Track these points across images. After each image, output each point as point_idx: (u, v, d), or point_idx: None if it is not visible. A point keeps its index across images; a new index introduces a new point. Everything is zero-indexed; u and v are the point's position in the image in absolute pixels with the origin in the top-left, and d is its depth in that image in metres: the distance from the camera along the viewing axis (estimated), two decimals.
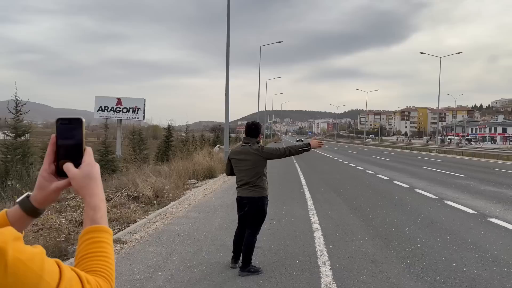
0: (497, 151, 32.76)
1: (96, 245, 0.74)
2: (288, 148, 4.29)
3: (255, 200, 4.22)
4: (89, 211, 0.77)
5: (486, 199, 9.53)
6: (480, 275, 4.32)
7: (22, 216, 0.78)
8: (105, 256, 0.74)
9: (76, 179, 0.76)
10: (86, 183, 0.77)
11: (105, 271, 0.72)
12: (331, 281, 4.07)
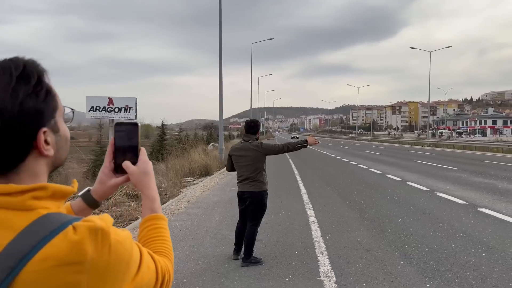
0: (487, 144, 33.34)
1: (156, 231, 0.88)
2: (286, 144, 4.49)
3: (255, 194, 4.40)
4: (147, 202, 0.91)
5: (476, 190, 9.81)
6: (470, 260, 4.55)
7: (84, 207, 0.92)
8: (165, 240, 0.88)
9: (135, 175, 0.89)
10: (143, 178, 0.90)
11: (167, 252, 0.86)
12: (329, 269, 4.27)
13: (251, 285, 3.86)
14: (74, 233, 0.64)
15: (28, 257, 0.61)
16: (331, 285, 3.83)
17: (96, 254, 0.64)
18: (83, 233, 0.64)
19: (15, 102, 0.65)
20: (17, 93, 0.66)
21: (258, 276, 4.11)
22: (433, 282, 3.92)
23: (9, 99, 0.65)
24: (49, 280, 0.62)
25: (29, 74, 0.68)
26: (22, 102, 0.66)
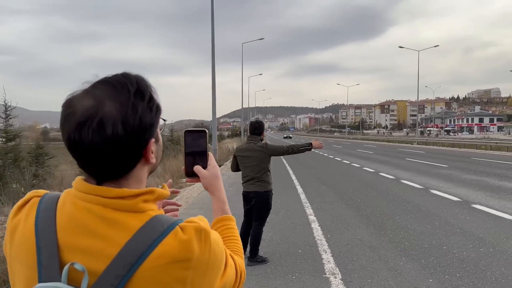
0: (475, 141, 33.90)
1: (228, 231, 0.96)
2: (291, 146, 4.56)
3: (261, 194, 4.48)
4: (219, 203, 0.99)
5: (469, 187, 10.03)
6: (469, 255, 4.69)
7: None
8: (236, 240, 0.96)
9: (207, 179, 0.96)
10: (214, 182, 0.97)
11: (240, 251, 0.93)
12: (333, 266, 4.37)
13: (259, 283, 3.94)
14: (182, 233, 0.71)
15: (145, 255, 0.68)
16: (337, 282, 3.93)
17: (200, 252, 0.72)
18: (190, 233, 0.72)
19: (135, 117, 0.71)
20: (137, 108, 0.72)
21: (265, 274, 4.18)
22: (435, 277, 4.04)
23: (131, 113, 0.71)
24: (162, 276, 0.69)
25: (142, 90, 0.74)
26: (141, 117, 0.72)
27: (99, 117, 0.69)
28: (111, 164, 0.72)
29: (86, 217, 0.71)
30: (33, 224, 0.73)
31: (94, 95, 0.71)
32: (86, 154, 0.71)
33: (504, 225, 6.17)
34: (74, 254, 0.70)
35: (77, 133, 0.69)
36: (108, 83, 0.73)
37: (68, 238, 0.71)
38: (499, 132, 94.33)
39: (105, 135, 0.69)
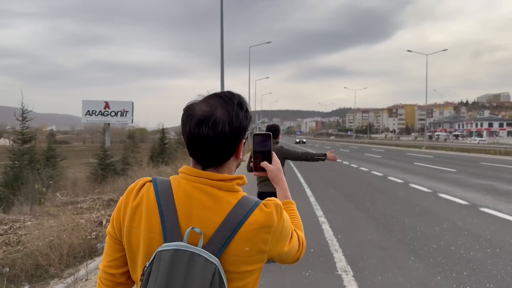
0: (484, 146, 33.77)
1: (291, 212, 1.21)
2: (305, 153, 4.76)
3: (275, 194, 4.67)
4: (282, 191, 1.26)
5: (477, 191, 10.13)
6: (476, 256, 4.85)
7: None
8: (297, 218, 1.21)
9: (272, 172, 1.23)
10: (278, 174, 1.24)
11: (301, 227, 1.19)
12: (345, 265, 4.55)
13: (275, 278, 4.13)
14: (266, 207, 0.98)
15: (242, 222, 0.94)
16: (349, 279, 4.11)
17: (277, 222, 0.99)
18: (271, 208, 0.99)
19: (237, 121, 0.97)
20: (238, 115, 0.98)
21: (280, 271, 4.38)
22: (443, 275, 4.21)
23: (234, 118, 0.97)
24: (253, 237, 0.95)
25: (242, 103, 1.01)
26: (240, 121, 0.98)
27: (213, 118, 0.95)
28: (217, 153, 0.98)
29: (199, 193, 0.97)
30: (154, 200, 0.97)
31: (209, 103, 0.98)
32: (200, 144, 0.97)
33: (501, 223, 6.32)
34: (190, 221, 0.95)
35: (197, 128, 0.95)
36: (219, 96, 1.00)
37: (185, 209, 0.96)
38: (509, 137, 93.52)
39: (217, 131, 0.95)
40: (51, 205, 8.44)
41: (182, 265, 0.88)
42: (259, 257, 0.98)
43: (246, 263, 0.96)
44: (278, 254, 1.03)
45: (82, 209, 8.44)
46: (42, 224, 6.31)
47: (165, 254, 0.89)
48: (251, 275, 0.99)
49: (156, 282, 0.88)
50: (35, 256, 4.76)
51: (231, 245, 0.93)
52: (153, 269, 0.90)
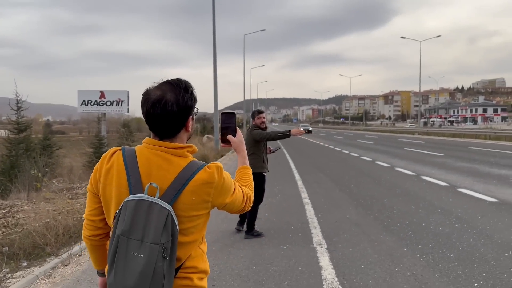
0: (475, 131, 34.26)
1: (244, 174, 1.57)
2: (269, 133, 5.06)
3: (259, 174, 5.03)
4: (241, 159, 1.61)
5: (459, 174, 10.53)
6: (444, 230, 5.22)
7: None
8: (249, 179, 1.56)
9: (236, 143, 1.58)
10: (240, 145, 1.59)
11: (249, 185, 1.53)
12: (321, 239, 4.92)
13: (255, 252, 4.49)
14: (209, 168, 1.31)
15: (189, 179, 1.27)
16: (322, 251, 4.48)
17: (218, 179, 1.32)
18: (213, 169, 1.32)
19: (183, 102, 1.29)
20: (184, 97, 1.30)
21: (260, 245, 4.74)
22: (410, 246, 4.58)
23: (181, 99, 1.29)
24: (198, 190, 1.28)
25: (187, 87, 1.33)
26: (186, 102, 1.30)
27: (164, 100, 1.27)
28: (169, 127, 1.31)
29: (156, 158, 1.30)
30: (123, 163, 1.31)
31: (161, 89, 1.30)
32: (155, 121, 1.29)
33: (483, 206, 6.68)
34: (150, 179, 1.28)
35: (152, 108, 1.28)
36: (169, 83, 1.32)
37: (146, 170, 1.29)
38: (502, 122, 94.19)
39: (167, 110, 1.27)
40: (47, 191, 8.76)
41: (143, 211, 1.21)
42: (204, 205, 1.32)
43: (194, 210, 1.29)
44: (221, 204, 1.37)
45: (78, 194, 8.75)
46: (39, 208, 6.64)
47: (130, 203, 1.22)
48: (199, 218, 1.33)
49: (123, 223, 1.21)
50: (32, 236, 5.09)
51: (181, 196, 1.26)
52: (121, 214, 1.23)
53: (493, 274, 3.72)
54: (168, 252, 1.20)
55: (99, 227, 1.42)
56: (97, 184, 1.37)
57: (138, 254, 1.18)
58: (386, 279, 3.66)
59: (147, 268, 1.17)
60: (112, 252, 1.22)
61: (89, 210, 1.41)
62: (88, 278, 3.88)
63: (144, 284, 1.17)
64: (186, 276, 1.33)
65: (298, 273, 3.85)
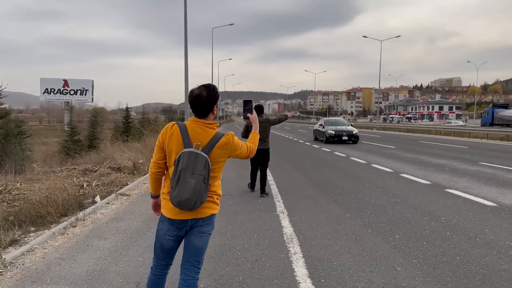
0: (428, 127, 36.82)
1: (253, 137, 2.67)
2: (277, 118, 7.96)
3: (267, 150, 7.50)
4: (255, 127, 2.71)
5: (404, 163, 12.02)
6: (381, 203, 6.49)
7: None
8: (255, 139, 2.65)
9: (252, 118, 2.71)
10: (255, 119, 2.70)
11: (254, 143, 2.62)
12: (283, 209, 6.05)
13: (230, 217, 5.55)
14: (227, 135, 2.38)
15: (217, 141, 2.35)
16: (284, 216, 5.60)
17: (231, 141, 2.40)
18: (229, 135, 2.40)
19: (211, 96, 2.35)
20: (212, 93, 2.35)
21: (234, 214, 5.80)
22: (352, 213, 5.79)
23: (211, 95, 2.34)
24: (222, 147, 2.37)
25: (215, 89, 2.37)
26: (214, 96, 2.36)
27: (201, 95, 2.32)
28: (204, 111, 2.35)
29: (198, 129, 2.34)
30: (179, 131, 2.33)
31: (200, 89, 2.34)
32: (196, 107, 2.34)
33: (417, 187, 8.06)
34: (195, 140, 2.31)
35: (194, 99, 2.33)
36: (205, 85, 2.36)
37: (193, 135, 2.32)
38: (457, 120, 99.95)
39: (202, 101, 2.32)
40: (31, 174, 9.38)
41: (193, 157, 2.25)
42: (224, 155, 2.38)
43: (219, 157, 2.36)
44: (234, 155, 2.44)
45: (61, 177, 9.44)
46: (33, 186, 7.36)
47: (185, 153, 2.26)
48: (221, 162, 2.40)
49: (183, 163, 2.25)
50: (36, 206, 5.87)
51: (213, 150, 2.31)
52: (180, 159, 2.27)
53: (411, 230, 4.96)
54: (206, 179, 2.26)
55: (161, 167, 2.44)
56: (164, 141, 2.38)
57: (191, 180, 2.22)
58: (331, 233, 4.82)
59: (196, 187, 2.23)
60: (176, 178, 2.24)
61: (156, 157, 2.43)
62: (96, 235, 4.80)
63: (194, 195, 2.23)
64: (211, 195, 2.40)
65: (264, 230, 4.95)
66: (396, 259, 3.91)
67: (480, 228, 5.00)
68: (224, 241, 4.48)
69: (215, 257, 3.98)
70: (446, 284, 3.32)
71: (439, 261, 3.85)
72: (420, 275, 3.52)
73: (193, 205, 2.25)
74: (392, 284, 3.32)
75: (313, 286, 3.27)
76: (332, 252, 4.12)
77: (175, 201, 2.25)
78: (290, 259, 3.89)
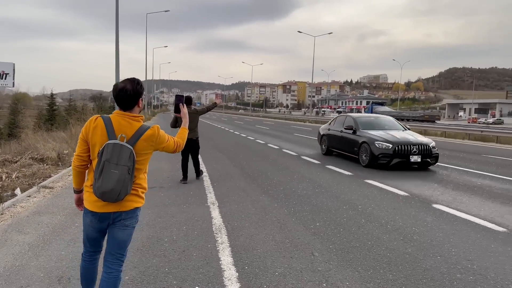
0: None
1: (181, 132, 2.72)
2: (207, 107, 8.47)
3: (196, 140, 7.82)
4: (184, 122, 2.78)
5: (331, 156, 12.72)
6: (307, 193, 6.88)
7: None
8: (183, 134, 2.71)
9: (183, 112, 2.76)
10: (185, 114, 2.77)
11: (183, 138, 2.68)
12: (214, 200, 6.19)
13: (160, 209, 5.56)
14: (152, 128, 2.44)
15: (142, 133, 2.40)
16: (214, 207, 5.74)
17: (157, 134, 2.46)
18: (155, 128, 2.46)
19: (136, 89, 2.39)
20: (137, 87, 2.39)
21: (164, 206, 5.82)
22: (280, 203, 6.09)
23: (135, 88, 2.38)
24: (147, 140, 2.42)
25: (139, 82, 2.41)
26: (138, 89, 2.39)
27: (125, 89, 2.35)
28: (129, 104, 2.38)
29: (123, 121, 2.37)
30: (103, 124, 2.35)
31: (124, 82, 2.38)
32: (121, 100, 2.37)
33: (340, 178, 8.62)
34: (120, 132, 2.34)
35: (118, 93, 2.35)
36: (129, 79, 2.40)
37: (117, 127, 2.35)
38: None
39: (127, 94, 2.35)
40: None
41: (117, 149, 2.28)
42: (150, 148, 2.44)
43: (144, 150, 2.40)
44: (160, 147, 2.50)
45: None
46: None
47: (109, 144, 2.29)
48: (146, 155, 2.45)
49: (107, 154, 2.27)
50: None
51: (138, 142, 2.36)
52: (104, 150, 2.29)
53: (331, 218, 5.36)
54: (131, 170, 2.31)
55: (84, 160, 2.44)
56: (87, 134, 2.39)
57: (115, 171, 2.26)
58: (258, 222, 5.06)
59: (120, 177, 2.26)
60: (100, 170, 2.26)
61: (79, 150, 2.43)
62: (15, 229, 4.57)
63: (118, 186, 2.26)
64: (136, 188, 2.45)
65: (194, 221, 5.05)
66: (315, 245, 4.24)
67: (392, 215, 5.54)
68: (152, 234, 4.52)
69: (142, 249, 4.01)
70: (356, 267, 3.69)
71: (353, 246, 4.25)
72: (335, 259, 3.87)
73: (117, 196, 2.28)
74: (309, 269, 3.62)
75: (236, 273, 3.46)
76: (257, 240, 4.35)
77: (99, 192, 2.28)
78: (217, 249, 4.04)
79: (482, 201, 6.60)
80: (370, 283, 3.35)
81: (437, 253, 4.09)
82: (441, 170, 9.93)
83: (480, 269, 3.70)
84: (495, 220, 5.35)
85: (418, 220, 5.30)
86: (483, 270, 3.68)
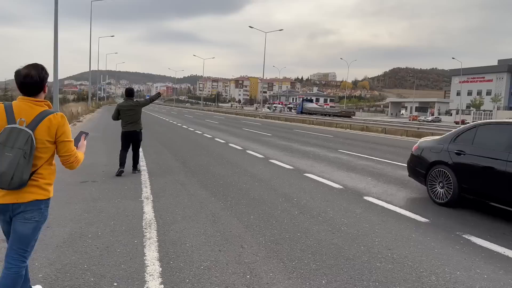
0: (304, 117, 39.91)
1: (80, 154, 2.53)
2: (149, 99, 8.29)
3: (139, 132, 7.90)
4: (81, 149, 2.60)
5: (276, 149, 12.89)
6: (246, 186, 6.89)
7: None
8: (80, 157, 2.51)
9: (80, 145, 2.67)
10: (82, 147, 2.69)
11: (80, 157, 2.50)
12: (149, 195, 6.02)
13: (88, 205, 5.32)
14: (56, 115, 2.30)
15: (44, 117, 2.26)
16: (148, 202, 5.58)
17: (60, 121, 2.32)
18: (59, 115, 2.31)
19: (41, 75, 2.24)
20: (41, 72, 2.25)
21: (93, 200, 5.56)
22: (217, 197, 6.05)
23: (40, 74, 2.24)
24: (48, 124, 2.27)
25: (44, 68, 2.26)
26: (44, 75, 2.26)
27: (30, 75, 2.20)
28: (34, 91, 2.24)
29: (24, 105, 2.23)
30: (3, 109, 2.21)
31: (28, 68, 2.22)
32: (26, 87, 2.22)
33: (281, 171, 8.74)
34: (20, 116, 2.19)
35: (23, 79, 2.20)
36: (32, 65, 2.24)
37: (18, 112, 2.21)
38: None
39: (32, 80, 2.21)
40: None
41: (15, 133, 2.15)
42: (51, 135, 2.29)
43: (45, 136, 2.26)
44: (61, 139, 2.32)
45: None
46: None
47: (7, 128, 2.17)
48: (49, 143, 2.30)
49: (2, 138, 2.14)
50: None
51: (38, 127, 2.23)
52: (0, 134, 2.15)
53: (265, 211, 5.40)
54: (28, 155, 2.17)
55: None
56: None
57: (9, 154, 2.12)
58: (192, 216, 4.98)
59: (14, 160, 2.13)
60: None
61: None
62: None
63: (11, 169, 2.13)
64: (37, 178, 2.30)
65: (123, 216, 4.87)
66: (246, 238, 4.24)
67: (324, 207, 5.70)
68: (76, 229, 4.30)
69: (62, 246, 3.80)
70: (282, 258, 3.74)
71: (282, 238, 4.30)
72: (263, 251, 3.89)
73: (11, 180, 2.16)
74: (236, 261, 3.61)
75: (160, 268, 3.37)
76: (188, 234, 4.28)
77: None
78: (143, 244, 3.93)
79: (409, 193, 6.98)
80: (293, 273, 3.41)
81: (361, 243, 4.25)
82: (377, 164, 10.38)
83: (399, 257, 3.90)
84: (419, 212, 5.67)
85: (348, 212, 5.49)
86: (402, 258, 3.88)
